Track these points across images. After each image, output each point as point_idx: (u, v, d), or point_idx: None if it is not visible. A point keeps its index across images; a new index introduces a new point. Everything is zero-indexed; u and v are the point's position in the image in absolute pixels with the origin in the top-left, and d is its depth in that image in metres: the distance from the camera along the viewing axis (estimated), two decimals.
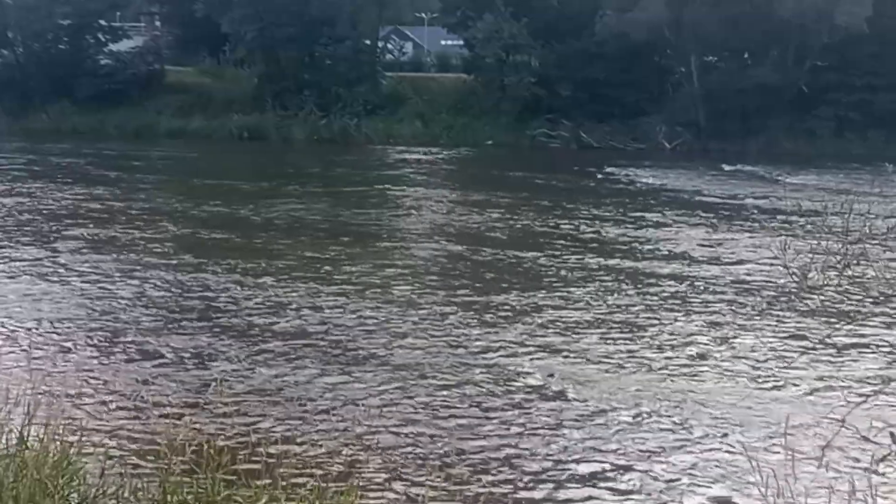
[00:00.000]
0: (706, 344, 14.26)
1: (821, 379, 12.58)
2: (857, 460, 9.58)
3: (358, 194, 31.70)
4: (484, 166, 42.89)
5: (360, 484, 8.47)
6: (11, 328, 14.21)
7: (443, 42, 70.61)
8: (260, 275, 18.35)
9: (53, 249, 20.58)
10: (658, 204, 30.16)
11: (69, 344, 13.60)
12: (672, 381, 12.56)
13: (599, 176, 38.28)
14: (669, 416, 11.27)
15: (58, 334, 14.03)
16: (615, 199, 31.16)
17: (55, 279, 17.69)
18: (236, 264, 19.31)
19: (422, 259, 20.93)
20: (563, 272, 19.32)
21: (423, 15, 71.29)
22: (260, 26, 53.39)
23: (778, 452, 9.68)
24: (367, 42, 57.08)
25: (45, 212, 26.18)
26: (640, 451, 10.32)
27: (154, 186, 32.66)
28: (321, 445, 9.79)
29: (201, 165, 41.60)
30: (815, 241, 6.07)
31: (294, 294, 16.80)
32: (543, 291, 17.47)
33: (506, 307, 16.16)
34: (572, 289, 17.75)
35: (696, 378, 12.71)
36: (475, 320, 15.26)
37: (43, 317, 14.98)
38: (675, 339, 14.46)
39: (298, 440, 9.95)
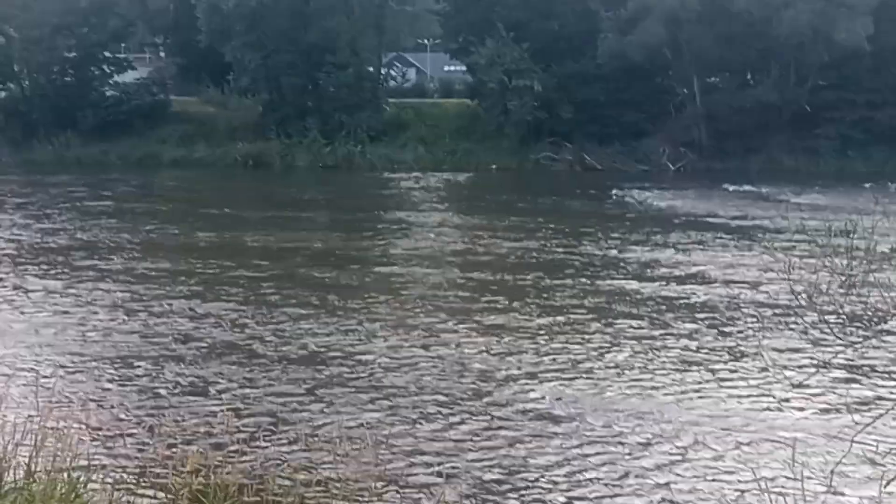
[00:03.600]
0: (713, 365, 14.23)
1: (828, 400, 12.55)
2: (866, 482, 9.54)
3: (363, 221, 31.75)
4: (488, 191, 42.96)
5: None
6: (19, 360, 14.23)
7: (445, 68, 70.94)
8: (266, 304, 18.35)
9: (59, 281, 20.62)
10: (663, 226, 30.16)
11: (76, 375, 13.61)
12: (679, 403, 12.54)
13: (605, 199, 38.31)
14: (676, 439, 11.24)
15: (65, 366, 14.04)
16: (621, 222, 31.16)
17: (62, 311, 17.71)
18: (242, 293, 19.33)
19: (430, 284, 20.92)
20: (569, 295, 19.31)
21: (426, 41, 71.63)
22: (262, 55, 53.75)
23: (786, 475, 9.65)
24: (370, 69, 57.37)
25: (50, 243, 26.24)
26: (647, 473, 10.29)
27: (159, 216, 32.73)
28: (329, 474, 9.77)
29: (206, 194, 41.72)
30: (820, 261, 6.09)
31: (301, 322, 16.80)
32: (550, 315, 17.46)
33: (514, 330, 16.15)
34: (580, 312, 17.74)
35: (702, 400, 12.68)
36: (483, 345, 15.25)
37: (50, 348, 15.00)
38: (681, 361, 14.44)
39: (306, 469, 9.93)
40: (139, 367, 14.10)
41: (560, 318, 17.19)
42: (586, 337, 15.86)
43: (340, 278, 21.12)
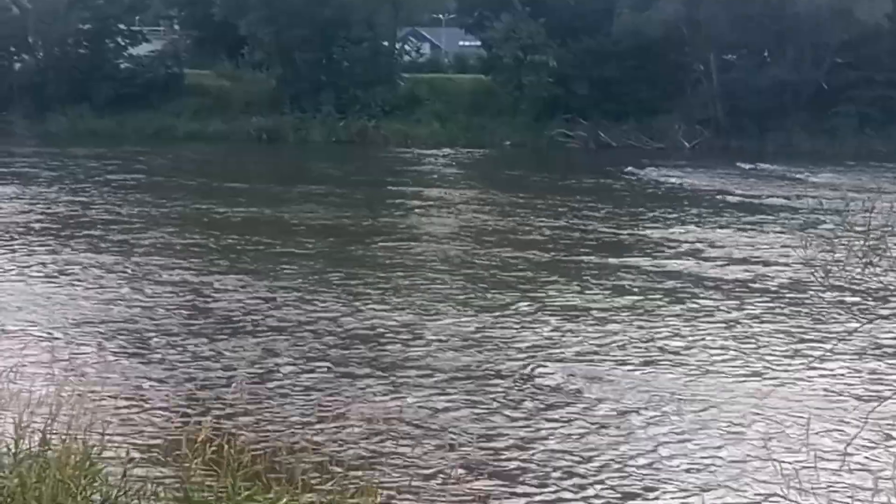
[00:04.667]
0: (727, 342, 14.19)
1: (843, 376, 12.50)
2: (880, 459, 9.50)
3: (378, 196, 31.73)
4: (502, 167, 42.84)
5: (381, 483, 8.46)
6: (35, 330, 14.29)
7: (460, 43, 70.54)
8: (282, 277, 18.38)
9: (76, 253, 20.68)
10: (679, 203, 30.05)
11: (92, 346, 13.66)
12: (693, 380, 12.51)
13: (620, 176, 38.17)
14: (689, 416, 11.21)
15: (80, 336, 14.10)
16: (636, 200, 31.06)
17: (79, 282, 17.77)
18: (258, 266, 19.36)
19: (445, 260, 20.90)
20: (584, 272, 19.28)
21: (441, 16, 71.24)
22: (276, 29, 53.53)
23: (800, 452, 9.63)
24: (385, 43, 57.12)
25: (66, 215, 26.32)
26: (660, 451, 10.27)
27: (174, 189, 32.76)
28: (342, 446, 9.79)
29: (220, 168, 41.70)
30: (837, 239, 6.08)
31: (316, 295, 16.82)
32: (565, 291, 17.43)
33: (529, 307, 16.13)
34: (593, 289, 17.72)
35: (716, 377, 12.64)
36: (497, 321, 15.24)
37: (66, 319, 15.06)
38: (696, 338, 14.40)
39: (319, 441, 9.96)
40: (154, 337, 14.14)
41: (571, 294, 17.18)
42: (597, 313, 15.83)
43: (353, 253, 21.08)
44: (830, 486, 8.91)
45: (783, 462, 8.95)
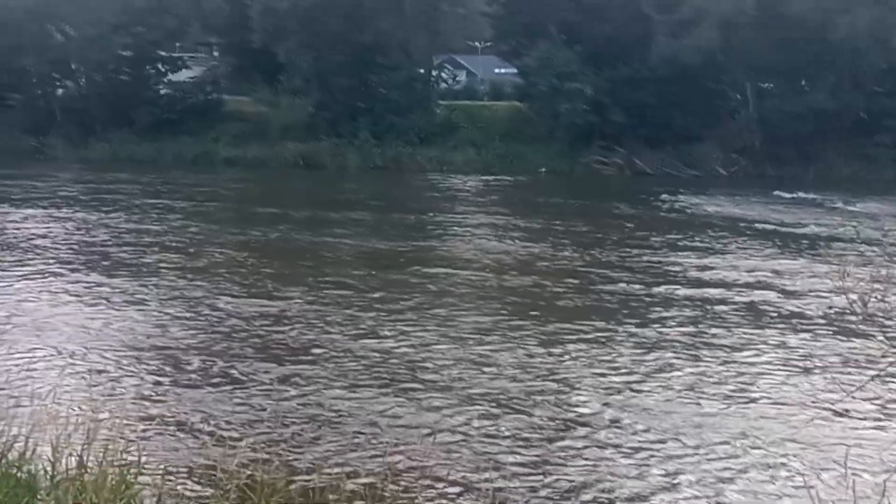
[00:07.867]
0: (765, 373, 14.05)
1: (882, 408, 12.33)
2: None
3: (415, 223, 31.78)
4: (538, 194, 42.78)
5: None
6: (72, 354, 14.44)
7: (496, 70, 70.80)
8: (318, 303, 18.45)
9: (113, 277, 20.90)
10: (716, 232, 29.84)
11: (128, 369, 13.78)
12: (729, 411, 12.39)
13: (656, 204, 37.99)
14: (726, 448, 11.10)
15: (116, 360, 14.22)
16: (672, 228, 30.88)
17: (115, 306, 17.95)
18: (294, 292, 19.44)
19: (480, 287, 20.89)
20: (619, 301, 19.19)
21: (477, 44, 71.55)
22: (314, 55, 54.02)
23: (839, 484, 9.50)
24: (421, 70, 57.44)
25: (105, 239, 26.61)
26: (696, 483, 10.18)
27: (213, 214, 33.05)
28: (375, 473, 9.79)
29: (259, 193, 42.01)
30: (876, 269, 6.04)
31: (352, 321, 16.87)
32: (598, 320, 17.36)
33: (563, 336, 16.07)
34: (629, 318, 17.62)
35: (753, 408, 12.52)
36: (531, 349, 15.20)
37: (102, 343, 15.21)
38: (733, 369, 14.28)
39: (352, 467, 9.96)
40: (190, 362, 14.24)
41: (605, 323, 17.09)
42: (632, 342, 15.74)
43: (389, 279, 21.11)
44: None
45: (822, 495, 8.83)
